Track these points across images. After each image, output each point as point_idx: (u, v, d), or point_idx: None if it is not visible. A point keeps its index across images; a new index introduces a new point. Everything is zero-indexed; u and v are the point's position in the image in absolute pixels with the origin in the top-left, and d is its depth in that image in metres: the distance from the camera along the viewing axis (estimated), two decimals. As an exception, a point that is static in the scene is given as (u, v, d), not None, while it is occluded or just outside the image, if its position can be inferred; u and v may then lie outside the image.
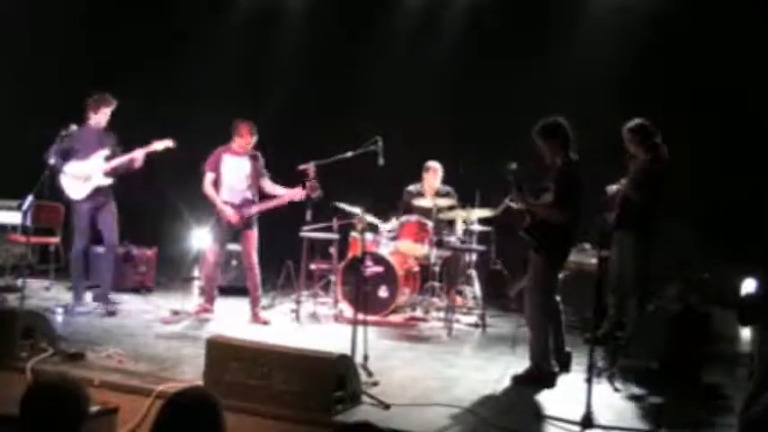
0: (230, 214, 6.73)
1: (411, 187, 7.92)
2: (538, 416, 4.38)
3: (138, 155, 6.71)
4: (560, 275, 5.57)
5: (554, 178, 5.13)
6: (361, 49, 9.34)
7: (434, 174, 7.76)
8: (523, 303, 5.49)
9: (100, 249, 7.17)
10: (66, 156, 6.63)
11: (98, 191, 6.72)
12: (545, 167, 5.26)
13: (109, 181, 6.76)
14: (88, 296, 6.94)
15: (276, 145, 7.53)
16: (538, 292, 5.21)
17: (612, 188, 6.24)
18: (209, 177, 6.83)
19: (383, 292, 7.07)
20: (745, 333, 6.25)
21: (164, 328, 6.25)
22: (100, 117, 6.76)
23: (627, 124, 6.10)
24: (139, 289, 7.70)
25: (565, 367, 5.34)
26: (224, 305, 7.14)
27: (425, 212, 7.46)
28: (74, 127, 6.22)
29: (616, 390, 5.02)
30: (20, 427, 2.66)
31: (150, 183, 7.97)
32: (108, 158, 6.73)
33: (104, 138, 6.80)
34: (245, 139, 6.83)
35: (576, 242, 5.51)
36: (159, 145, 6.72)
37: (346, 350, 4.74)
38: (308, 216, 6.83)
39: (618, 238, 5.99)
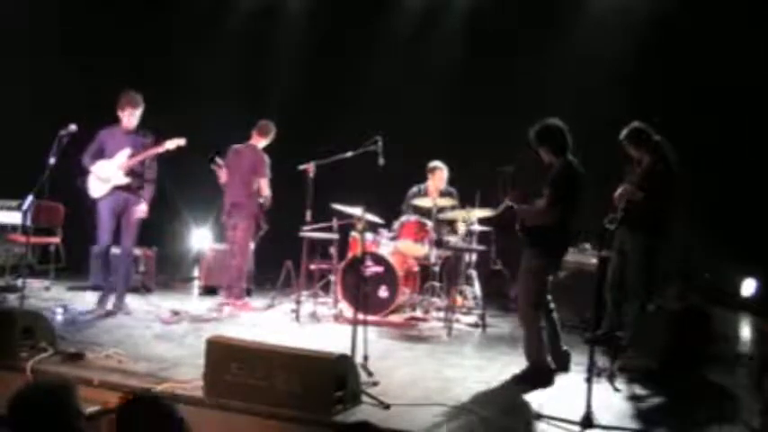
0: None
1: (415, 188, 7.90)
2: (538, 416, 4.38)
3: (152, 154, 6.64)
4: (561, 275, 5.56)
5: (549, 181, 5.14)
6: (361, 48, 9.34)
7: (440, 174, 7.73)
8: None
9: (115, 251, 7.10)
10: (99, 155, 6.62)
11: (118, 189, 6.61)
12: (544, 169, 5.27)
13: (127, 180, 6.61)
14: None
15: (276, 145, 7.53)
16: (529, 292, 5.20)
17: (617, 194, 6.15)
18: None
19: (383, 292, 7.06)
20: (745, 333, 6.25)
21: (164, 328, 6.25)
22: (128, 117, 6.62)
23: (621, 134, 6.05)
24: (139, 289, 7.68)
25: (564, 367, 5.34)
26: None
27: (426, 212, 7.45)
28: (73, 127, 6.14)
29: (616, 390, 5.01)
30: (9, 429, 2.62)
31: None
32: (130, 158, 6.63)
33: (135, 139, 6.68)
34: (270, 139, 7.41)
35: (571, 244, 5.49)
36: (171, 144, 6.65)
37: (346, 350, 4.74)
38: (308, 216, 6.85)
39: (620, 237, 5.97)
